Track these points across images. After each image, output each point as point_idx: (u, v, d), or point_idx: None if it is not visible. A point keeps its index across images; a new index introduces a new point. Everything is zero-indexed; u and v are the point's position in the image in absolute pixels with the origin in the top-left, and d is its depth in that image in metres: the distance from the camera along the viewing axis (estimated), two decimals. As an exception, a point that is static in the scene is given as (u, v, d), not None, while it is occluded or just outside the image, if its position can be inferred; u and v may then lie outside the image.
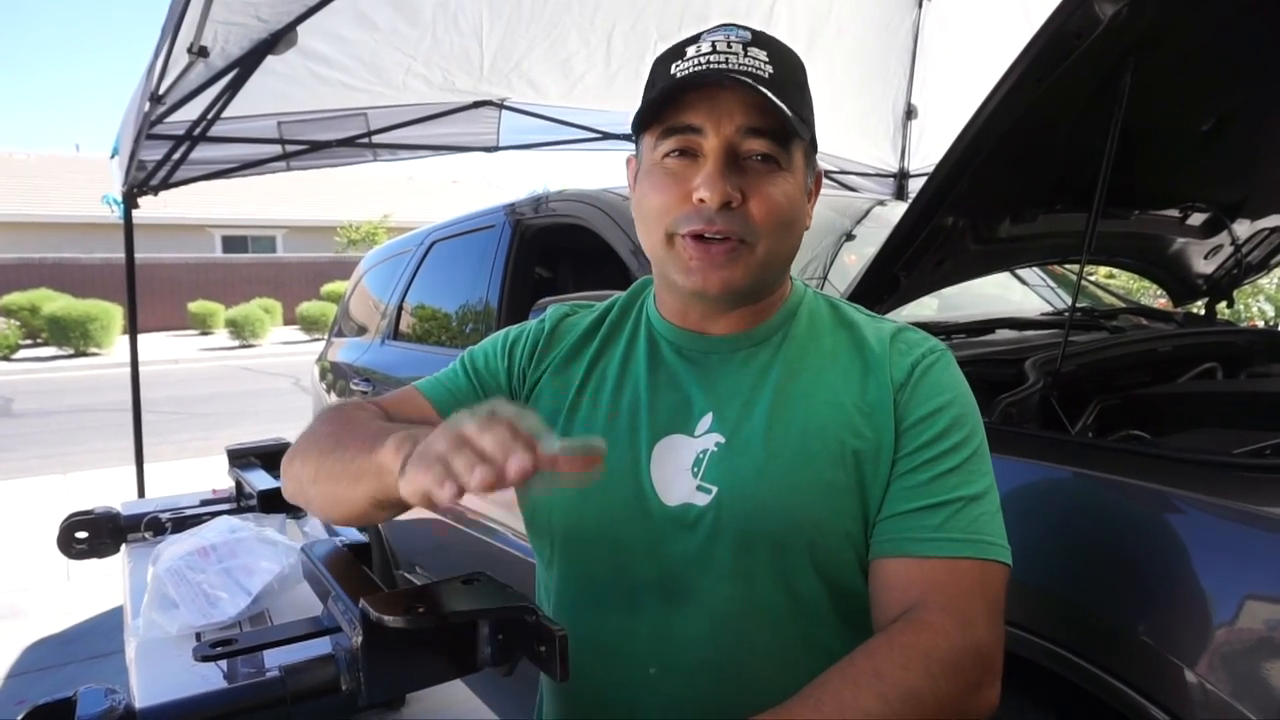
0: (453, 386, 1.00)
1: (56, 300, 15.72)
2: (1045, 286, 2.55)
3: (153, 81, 2.96)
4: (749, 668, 0.85)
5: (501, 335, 1.04)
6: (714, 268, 0.83)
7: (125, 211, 3.96)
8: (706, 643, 0.85)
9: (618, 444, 0.89)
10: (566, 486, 0.63)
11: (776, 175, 0.84)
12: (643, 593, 0.87)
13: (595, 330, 1.00)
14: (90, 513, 1.44)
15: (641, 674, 0.87)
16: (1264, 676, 0.90)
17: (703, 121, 0.82)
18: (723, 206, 0.81)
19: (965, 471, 0.84)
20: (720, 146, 0.82)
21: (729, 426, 0.87)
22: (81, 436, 8.06)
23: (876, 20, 4.14)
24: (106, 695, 0.73)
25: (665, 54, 0.88)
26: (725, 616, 0.84)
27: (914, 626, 0.75)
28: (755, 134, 0.82)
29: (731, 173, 0.82)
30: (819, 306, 0.96)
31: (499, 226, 2.83)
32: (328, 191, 25.16)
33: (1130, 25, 1.23)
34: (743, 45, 0.84)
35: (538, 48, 3.69)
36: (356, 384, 3.45)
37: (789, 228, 0.86)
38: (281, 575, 1.11)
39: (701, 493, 0.86)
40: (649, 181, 0.87)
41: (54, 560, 3.95)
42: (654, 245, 0.88)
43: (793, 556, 0.84)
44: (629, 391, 0.92)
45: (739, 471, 0.85)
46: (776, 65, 0.83)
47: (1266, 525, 0.96)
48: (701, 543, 0.85)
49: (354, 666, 0.68)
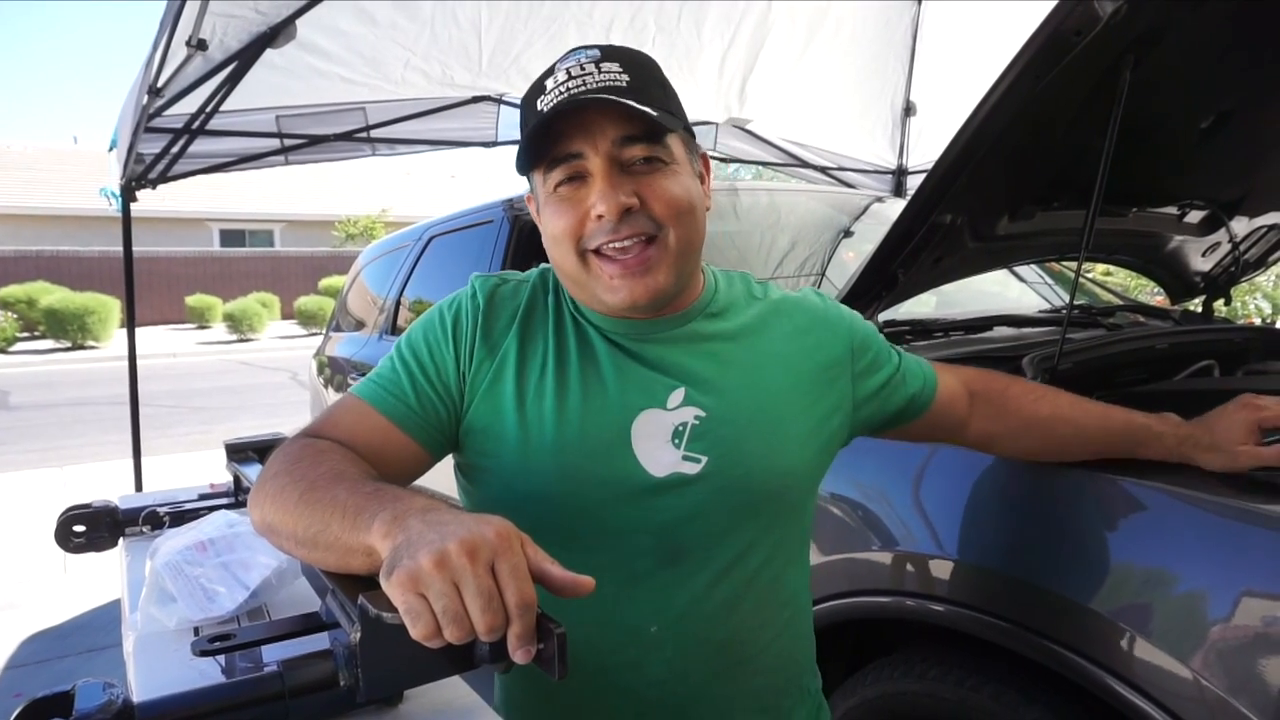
0: (399, 394, 0.93)
1: (54, 293, 15.68)
2: (1043, 284, 2.56)
3: (151, 74, 2.95)
4: (744, 613, 0.95)
5: (437, 319, 0.98)
6: (635, 277, 0.88)
7: (123, 204, 3.95)
8: (701, 595, 0.92)
9: (596, 425, 0.91)
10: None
11: (664, 170, 0.89)
12: (640, 558, 0.91)
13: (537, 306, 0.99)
14: (88, 506, 1.44)
15: (644, 634, 0.92)
16: (1260, 673, 0.90)
17: (580, 146, 0.87)
18: (623, 214, 0.86)
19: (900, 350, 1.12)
20: (603, 163, 0.86)
21: (706, 401, 0.93)
22: (79, 430, 8.06)
23: (875, 17, 4.13)
24: (104, 689, 0.73)
25: (528, 93, 0.93)
26: (721, 569, 0.93)
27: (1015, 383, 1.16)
28: (631, 141, 0.87)
29: (621, 183, 0.87)
30: (730, 280, 1.05)
31: (497, 222, 2.83)
32: (326, 186, 25.10)
33: (1130, 22, 1.23)
34: (595, 64, 0.88)
35: (536, 43, 3.69)
36: (354, 378, 3.45)
37: (692, 213, 0.90)
38: (280, 570, 1.11)
39: (689, 462, 0.91)
40: (550, 211, 0.91)
41: (51, 554, 3.96)
42: (571, 268, 0.91)
43: (778, 505, 0.96)
44: (593, 373, 0.94)
45: (725, 441, 0.92)
46: (631, 72, 0.88)
47: (1262, 522, 0.96)
48: (695, 508, 0.91)
49: (352, 662, 0.67)
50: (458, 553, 0.59)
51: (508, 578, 0.60)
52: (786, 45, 3.92)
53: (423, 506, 0.69)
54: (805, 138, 4.72)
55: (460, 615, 0.59)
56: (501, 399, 0.93)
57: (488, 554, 0.60)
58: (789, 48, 3.95)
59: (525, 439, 0.92)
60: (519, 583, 0.60)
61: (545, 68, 0.92)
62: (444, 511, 0.67)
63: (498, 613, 0.59)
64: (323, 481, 0.79)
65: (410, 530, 0.64)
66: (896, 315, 1.84)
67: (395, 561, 0.61)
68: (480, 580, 0.59)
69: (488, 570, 0.60)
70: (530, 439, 0.91)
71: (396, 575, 0.60)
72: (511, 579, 0.60)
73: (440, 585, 0.59)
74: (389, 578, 0.61)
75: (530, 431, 0.92)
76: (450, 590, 0.59)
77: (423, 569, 0.59)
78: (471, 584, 0.59)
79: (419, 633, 0.59)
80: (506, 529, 0.62)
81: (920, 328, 1.86)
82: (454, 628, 0.59)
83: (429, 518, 0.65)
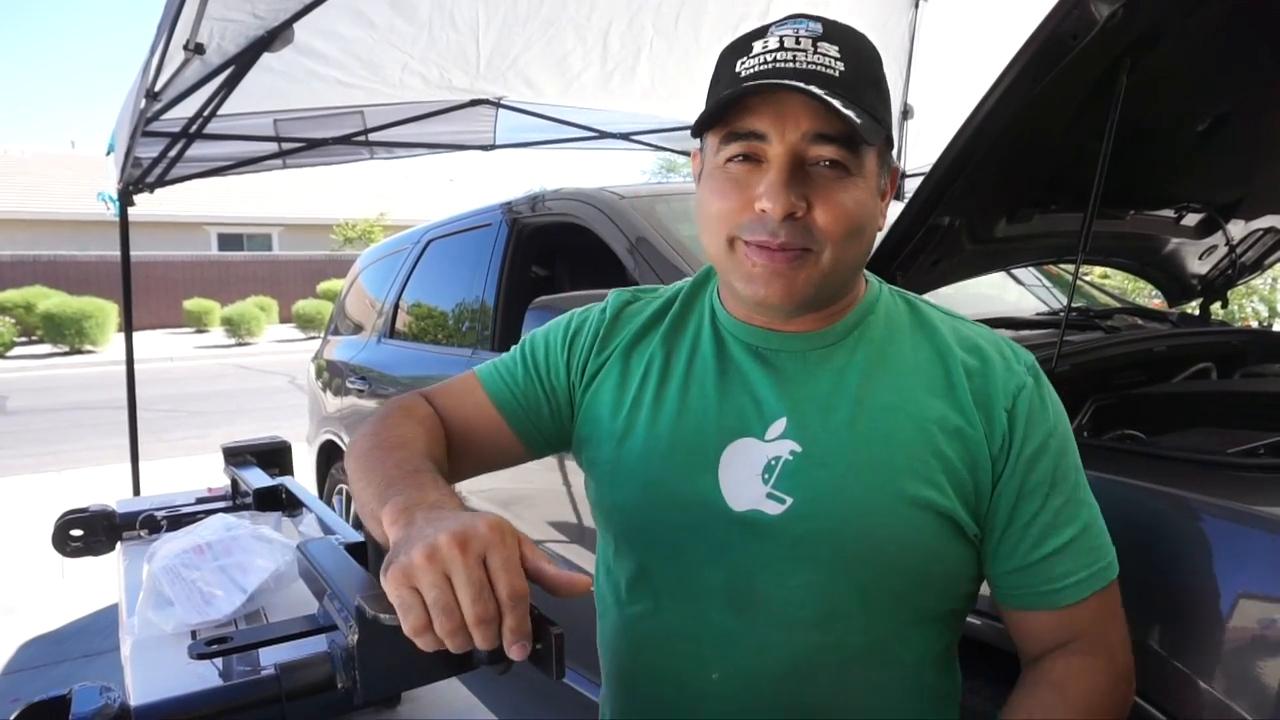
0: (510, 380, 0.98)
1: (51, 297, 15.65)
2: (1041, 286, 2.56)
3: (149, 78, 2.95)
4: (814, 680, 0.84)
5: (564, 321, 1.00)
6: (776, 276, 0.80)
7: (121, 209, 3.94)
8: (772, 653, 0.83)
9: (686, 444, 0.87)
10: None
11: (845, 181, 0.79)
12: (708, 596, 0.85)
13: (659, 320, 0.97)
14: (85, 510, 1.43)
15: (704, 678, 0.86)
16: (1258, 675, 0.90)
17: (767, 128, 0.78)
18: (786, 217, 0.77)
19: (1078, 496, 0.84)
20: (785, 154, 0.78)
21: (806, 435, 0.83)
22: (76, 434, 8.04)
23: (873, 20, 4.14)
24: (102, 693, 0.73)
25: (730, 48, 0.83)
26: (793, 627, 0.83)
27: (1074, 673, 0.81)
28: (823, 140, 0.77)
29: (796, 181, 0.78)
30: (896, 306, 0.92)
31: (495, 225, 2.83)
32: (324, 190, 25.09)
33: (1126, 26, 1.23)
34: (812, 40, 0.78)
35: (534, 46, 3.69)
36: (353, 382, 3.45)
37: (858, 235, 0.81)
38: (277, 573, 1.11)
39: (773, 501, 0.82)
40: (711, 185, 0.83)
41: (49, 558, 3.94)
42: (716, 250, 0.84)
43: (869, 573, 0.81)
44: (696, 389, 0.89)
45: (817, 484, 0.82)
46: (849, 61, 0.78)
47: (1260, 524, 0.96)
48: (773, 553, 0.83)
49: (350, 664, 0.67)
50: (448, 544, 0.59)
51: (499, 570, 0.59)
52: (784, 49, 3.91)
53: (434, 502, 0.69)
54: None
55: (450, 606, 0.58)
56: (599, 410, 0.94)
57: (479, 546, 0.60)
58: (786, 51, 3.95)
59: (614, 452, 0.91)
60: (510, 575, 0.59)
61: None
62: (449, 509, 0.68)
63: (488, 603, 0.58)
64: (386, 444, 0.83)
65: (412, 525, 0.64)
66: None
67: (392, 558, 0.62)
68: (470, 570, 0.58)
69: (479, 562, 0.59)
70: (618, 452, 0.91)
71: (391, 572, 0.60)
72: (503, 571, 0.59)
73: (431, 577, 0.58)
74: (385, 574, 0.61)
75: (620, 445, 0.91)
76: (441, 581, 0.58)
77: (414, 563, 0.59)
78: (462, 573, 0.58)
79: (410, 625, 0.59)
80: (500, 524, 0.62)
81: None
82: (444, 619, 0.58)
83: (432, 514, 0.66)
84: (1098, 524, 0.84)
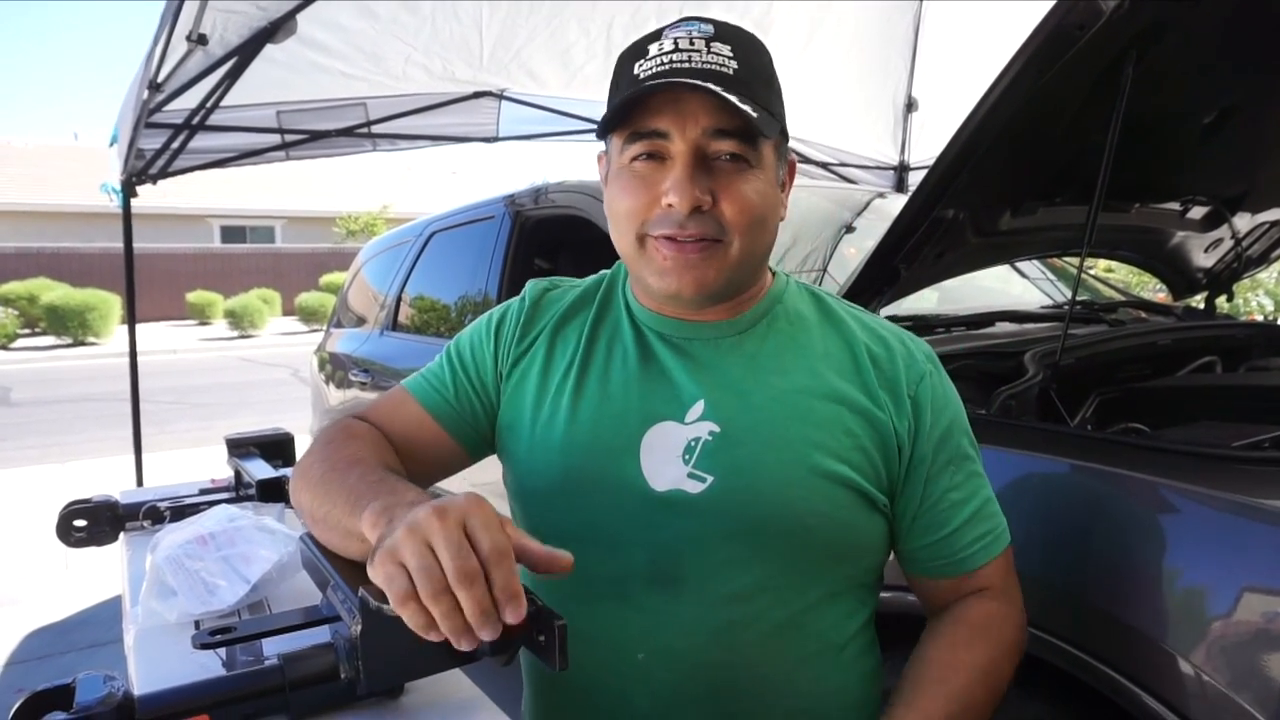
0: (440, 386, 0.99)
1: (54, 289, 15.68)
2: (1045, 280, 2.55)
3: (151, 69, 2.94)
4: (736, 654, 0.86)
5: (486, 318, 1.03)
6: (688, 268, 0.83)
7: (124, 200, 3.94)
8: (696, 628, 0.85)
9: (608, 430, 0.89)
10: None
11: (746, 173, 0.83)
12: (632, 580, 0.87)
13: (579, 310, 0.99)
14: (89, 501, 1.44)
15: (630, 661, 0.87)
16: (1261, 668, 0.90)
17: (668, 126, 0.81)
18: (693, 210, 0.81)
19: (979, 470, 0.93)
20: (687, 150, 0.81)
21: (723, 416, 0.87)
22: (80, 426, 8.06)
23: (877, 12, 4.12)
24: (105, 682, 0.73)
25: (628, 51, 0.87)
26: (716, 602, 0.85)
27: (994, 619, 0.90)
28: (722, 135, 0.81)
29: (700, 175, 0.81)
30: (802, 296, 0.97)
31: (498, 218, 2.83)
32: (327, 182, 25.10)
33: (1132, 18, 1.23)
34: (705, 41, 0.82)
35: (537, 38, 3.68)
36: (355, 374, 3.45)
37: (762, 224, 0.85)
38: (280, 564, 1.11)
39: (694, 480, 0.85)
40: (618, 184, 0.86)
41: (52, 549, 3.95)
42: (627, 247, 0.88)
43: (789, 545, 0.85)
44: (617, 377, 0.92)
45: (737, 461, 0.85)
46: (741, 60, 0.82)
47: (1264, 518, 0.96)
48: (695, 530, 0.85)
49: (353, 655, 0.68)
50: (427, 516, 0.61)
51: (479, 528, 0.60)
52: (788, 42, 3.90)
53: (412, 500, 0.69)
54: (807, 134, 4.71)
55: (431, 566, 0.59)
56: (522, 397, 0.95)
57: (457, 514, 0.61)
58: (790, 45, 3.94)
59: (534, 437, 0.93)
60: (491, 532, 0.60)
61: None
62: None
63: (468, 558, 0.59)
64: (341, 465, 0.84)
65: (394, 521, 0.65)
66: (898, 311, 1.84)
67: (378, 547, 0.63)
68: (450, 532, 0.60)
69: (458, 525, 0.60)
70: (538, 437, 0.92)
71: (377, 555, 0.62)
72: (483, 529, 0.60)
73: (412, 545, 0.60)
74: (372, 563, 0.62)
75: (540, 430, 0.92)
76: (422, 549, 0.59)
77: (397, 540, 0.61)
78: (440, 535, 0.59)
79: (394, 594, 0.59)
80: (478, 496, 0.63)
81: (922, 323, 1.85)
82: (425, 580, 0.58)
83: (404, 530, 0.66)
84: (991, 493, 0.93)
